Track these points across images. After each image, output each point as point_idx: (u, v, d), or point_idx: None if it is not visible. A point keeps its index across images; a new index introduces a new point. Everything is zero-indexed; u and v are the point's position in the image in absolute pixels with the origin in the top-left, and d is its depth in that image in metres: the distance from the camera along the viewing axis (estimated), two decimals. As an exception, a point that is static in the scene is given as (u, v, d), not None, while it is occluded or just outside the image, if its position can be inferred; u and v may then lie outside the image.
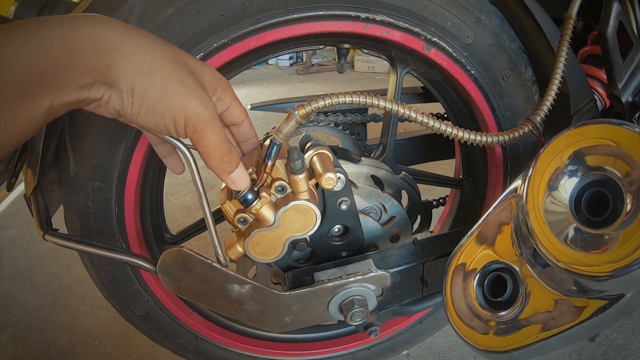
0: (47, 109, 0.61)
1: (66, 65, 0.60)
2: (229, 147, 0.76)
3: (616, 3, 1.00)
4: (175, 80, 0.68)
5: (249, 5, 0.96)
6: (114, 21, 0.66)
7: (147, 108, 0.68)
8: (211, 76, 0.76)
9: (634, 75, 1.06)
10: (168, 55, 0.69)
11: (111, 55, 0.63)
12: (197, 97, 0.70)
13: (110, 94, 0.66)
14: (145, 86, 0.66)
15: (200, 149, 0.74)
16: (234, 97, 0.81)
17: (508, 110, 1.16)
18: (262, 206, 0.85)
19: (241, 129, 0.86)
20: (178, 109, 0.68)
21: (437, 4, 1.02)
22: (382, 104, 0.85)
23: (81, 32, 0.61)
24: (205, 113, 0.70)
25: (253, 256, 0.90)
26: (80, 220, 1.10)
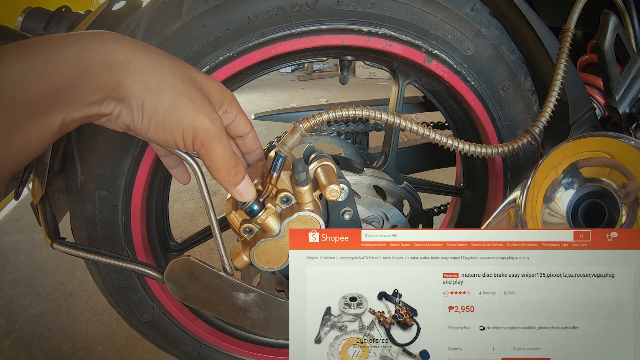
0: (59, 125, 0.62)
1: (78, 82, 0.61)
2: (235, 161, 0.77)
3: (613, 17, 1.01)
4: (183, 96, 0.69)
5: (254, 20, 0.97)
6: (123, 38, 0.67)
7: (157, 123, 0.69)
8: (217, 90, 0.78)
9: (631, 87, 1.07)
10: (176, 71, 0.70)
11: (121, 73, 0.65)
12: (205, 112, 0.71)
13: (120, 109, 0.68)
14: (155, 102, 0.68)
15: (208, 162, 0.75)
16: (239, 110, 0.83)
17: (508, 120, 1.17)
18: (267, 217, 0.86)
19: (246, 140, 0.88)
20: (187, 125, 0.70)
21: (438, 17, 1.04)
22: (384, 118, 0.86)
23: (92, 51, 0.62)
24: (213, 128, 0.72)
25: (258, 265, 0.92)
26: (87, 229, 1.11)
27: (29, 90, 0.57)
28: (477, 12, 1.06)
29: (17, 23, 1.08)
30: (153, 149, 0.91)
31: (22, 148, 0.59)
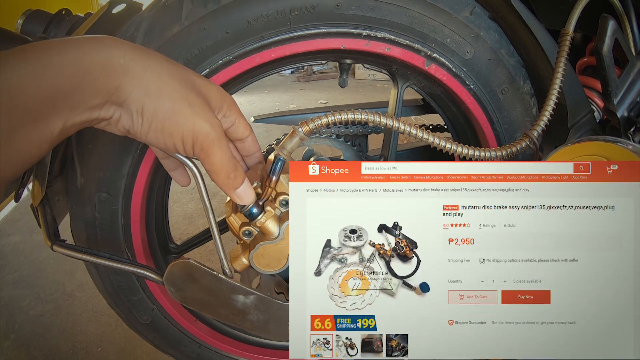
0: (59, 130, 0.62)
1: (78, 87, 0.61)
2: (235, 164, 0.78)
3: (612, 21, 1.01)
4: (183, 100, 0.70)
5: (253, 24, 0.98)
6: (123, 43, 0.67)
7: (157, 128, 0.69)
8: (217, 94, 0.78)
9: (630, 91, 1.08)
10: (176, 76, 0.71)
11: (121, 77, 0.65)
12: (204, 117, 0.72)
13: (120, 113, 0.68)
14: (154, 107, 0.68)
15: (207, 166, 0.76)
16: (239, 114, 0.83)
17: (507, 123, 1.17)
18: (266, 220, 0.87)
19: (246, 144, 0.88)
20: (186, 129, 0.70)
21: (437, 21, 1.04)
22: (383, 121, 0.86)
23: (92, 55, 0.63)
24: (212, 132, 0.72)
25: (258, 268, 0.92)
26: (87, 231, 1.12)
27: (29, 95, 0.57)
28: (476, 16, 1.07)
29: (18, 26, 1.08)
30: (153, 151, 0.92)
31: (23, 152, 0.60)
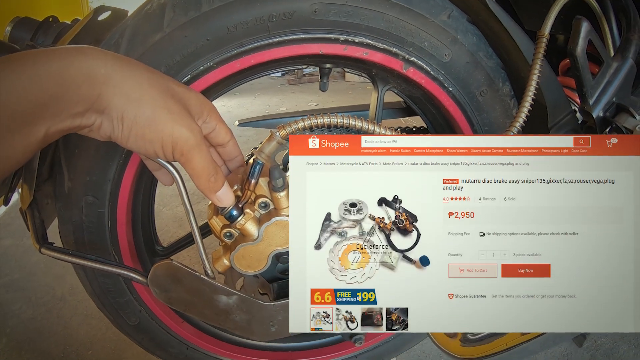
0: (42, 136, 0.64)
1: (61, 95, 0.63)
2: (215, 168, 0.80)
3: (585, 22, 1.03)
4: (162, 108, 0.72)
5: (233, 31, 1.00)
6: (105, 53, 0.69)
7: (137, 134, 0.71)
8: (196, 101, 0.80)
9: (605, 92, 1.09)
10: (155, 84, 0.73)
11: (102, 86, 0.67)
12: (184, 123, 0.74)
13: (101, 120, 0.70)
14: (134, 114, 0.70)
15: (189, 170, 0.78)
16: (219, 120, 0.85)
17: (486, 124, 1.19)
18: (246, 222, 0.89)
19: (227, 148, 0.90)
20: (165, 136, 0.72)
21: (415, 25, 1.06)
22: (359, 125, 0.88)
23: (75, 65, 0.65)
24: (192, 138, 0.74)
25: (239, 268, 0.94)
26: (75, 234, 1.13)
27: (16, 103, 0.59)
28: (454, 20, 1.08)
29: (6, 33, 1.10)
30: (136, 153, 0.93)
31: (7, 158, 0.62)
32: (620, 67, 1.10)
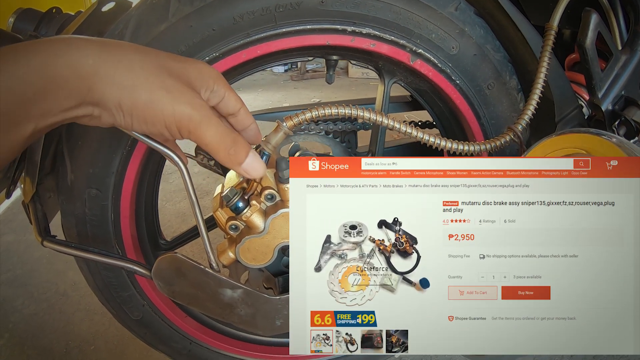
0: (30, 133, 0.62)
1: (48, 91, 0.61)
2: (233, 139, 0.76)
3: (595, 14, 1.02)
4: (159, 89, 0.69)
5: (239, 21, 0.99)
6: (90, 42, 0.67)
7: (139, 119, 0.69)
8: (197, 73, 0.76)
9: (614, 84, 1.09)
10: (148, 65, 0.70)
11: (92, 78, 0.65)
12: (184, 100, 0.71)
13: (99, 111, 0.68)
14: (131, 100, 0.67)
15: (203, 147, 0.74)
16: (227, 87, 0.81)
17: (493, 118, 1.18)
18: (252, 214, 0.88)
19: (239, 117, 0.85)
20: (167, 116, 0.69)
21: (422, 17, 1.05)
22: (367, 116, 0.87)
23: (60, 57, 0.62)
24: (195, 114, 0.71)
25: (244, 262, 0.93)
26: (78, 227, 1.12)
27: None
28: (462, 12, 1.07)
29: (9, 24, 1.09)
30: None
31: None
32: (629, 60, 1.09)
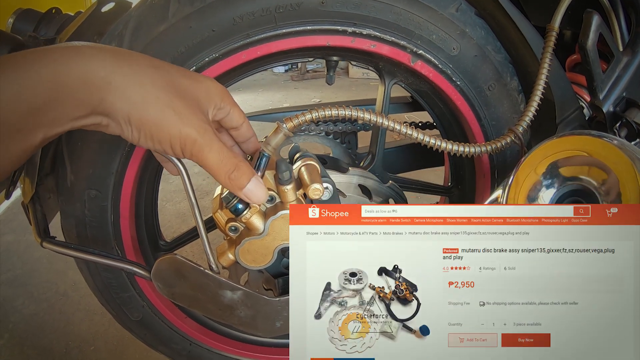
0: (39, 141, 0.63)
1: (58, 101, 0.61)
2: (234, 164, 0.77)
3: (596, 16, 1.02)
4: (168, 108, 0.70)
5: (239, 22, 0.99)
6: (103, 52, 0.67)
7: (145, 135, 0.70)
8: (205, 92, 0.78)
9: (615, 86, 1.08)
10: (160, 82, 0.70)
11: (103, 90, 0.65)
12: (191, 123, 0.72)
13: (107, 121, 0.68)
14: (140, 116, 0.68)
15: (205, 168, 0.76)
16: (232, 104, 0.83)
17: (494, 119, 1.18)
18: (252, 215, 0.87)
19: (241, 131, 0.88)
20: (173, 137, 0.70)
21: (423, 18, 1.05)
22: (367, 117, 0.87)
23: (70, 68, 0.62)
24: (199, 138, 0.72)
25: (244, 263, 0.93)
26: (77, 228, 1.12)
27: (7, 110, 0.57)
28: (462, 13, 1.07)
29: (8, 24, 1.09)
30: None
31: (2, 164, 0.60)
32: (630, 61, 1.09)
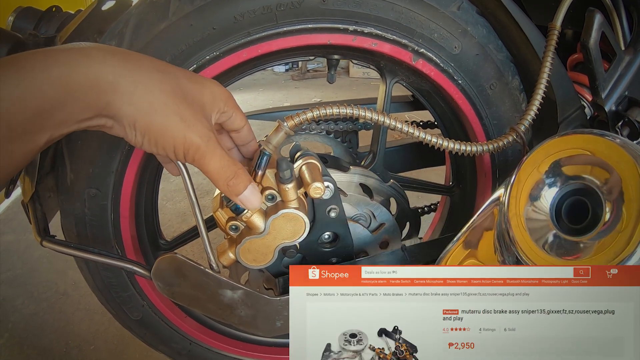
0: (45, 142, 0.63)
1: (65, 103, 0.62)
2: (234, 171, 0.78)
3: (598, 14, 1.02)
4: (174, 115, 0.71)
5: (240, 20, 0.98)
6: (111, 55, 0.67)
7: (150, 140, 0.71)
8: (210, 97, 0.79)
9: (617, 85, 1.08)
10: (167, 88, 0.71)
11: (110, 95, 0.65)
12: (196, 130, 0.73)
13: (112, 123, 0.69)
14: (146, 122, 0.69)
15: (205, 174, 0.77)
16: (235, 107, 0.84)
17: (495, 118, 1.17)
18: (252, 214, 0.87)
19: (241, 134, 0.89)
20: (178, 142, 0.72)
21: (424, 16, 1.04)
22: (368, 116, 0.87)
23: (78, 72, 0.63)
24: (203, 146, 0.73)
25: (244, 262, 0.92)
26: (77, 227, 1.12)
27: (13, 112, 0.57)
28: (464, 11, 1.07)
29: (8, 23, 1.08)
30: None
31: (7, 165, 0.60)
32: (632, 60, 1.09)
